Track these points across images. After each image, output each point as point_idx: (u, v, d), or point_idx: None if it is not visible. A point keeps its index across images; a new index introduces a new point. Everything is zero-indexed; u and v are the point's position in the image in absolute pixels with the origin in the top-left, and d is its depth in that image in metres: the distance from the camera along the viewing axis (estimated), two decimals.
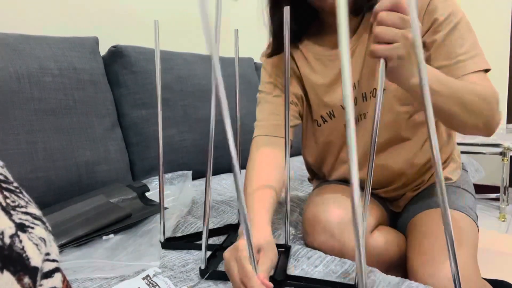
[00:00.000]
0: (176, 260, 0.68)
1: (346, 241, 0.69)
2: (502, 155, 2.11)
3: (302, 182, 1.27)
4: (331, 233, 0.70)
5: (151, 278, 0.58)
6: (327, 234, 0.70)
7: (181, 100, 1.30)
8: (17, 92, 0.91)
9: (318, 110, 0.83)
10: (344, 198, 0.77)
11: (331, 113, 0.81)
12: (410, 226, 0.78)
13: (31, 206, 0.31)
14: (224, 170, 1.45)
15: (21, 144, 0.90)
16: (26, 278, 0.25)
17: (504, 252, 1.65)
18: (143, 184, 0.99)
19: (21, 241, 0.26)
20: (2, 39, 0.95)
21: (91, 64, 1.11)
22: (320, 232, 0.71)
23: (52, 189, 0.94)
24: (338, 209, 0.72)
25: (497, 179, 2.37)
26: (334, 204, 0.74)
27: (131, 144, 1.22)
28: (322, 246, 0.71)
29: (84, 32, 1.28)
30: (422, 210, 0.78)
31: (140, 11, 1.51)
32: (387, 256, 0.73)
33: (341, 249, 0.69)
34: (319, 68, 0.80)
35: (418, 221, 0.76)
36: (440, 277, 0.62)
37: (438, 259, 0.65)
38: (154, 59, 1.29)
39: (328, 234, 0.70)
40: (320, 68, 0.80)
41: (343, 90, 0.32)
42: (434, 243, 0.68)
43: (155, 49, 0.70)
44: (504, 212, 2.07)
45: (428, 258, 0.66)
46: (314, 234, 0.72)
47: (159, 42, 0.69)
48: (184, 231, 0.83)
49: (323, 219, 0.72)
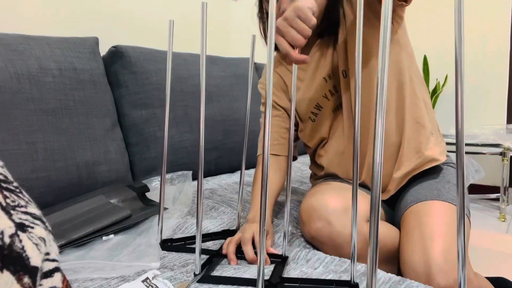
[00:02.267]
0: (177, 261, 0.67)
1: (342, 228, 0.71)
2: (502, 155, 2.11)
3: (302, 184, 1.27)
4: (327, 220, 0.72)
5: (151, 281, 0.58)
6: (323, 221, 0.72)
7: (181, 101, 1.30)
8: (17, 92, 0.91)
9: (308, 108, 0.91)
10: (340, 189, 0.80)
11: (318, 105, 0.90)
12: (402, 221, 0.80)
13: (31, 206, 0.31)
14: (224, 171, 1.45)
15: (21, 144, 0.90)
16: (26, 278, 0.25)
17: (504, 252, 1.65)
18: (143, 185, 0.99)
19: (21, 241, 0.26)
20: (2, 39, 0.95)
21: (91, 64, 1.11)
22: (316, 220, 0.73)
23: (52, 189, 0.94)
24: (334, 198, 0.74)
25: (497, 179, 2.37)
26: (330, 193, 0.76)
27: (131, 144, 1.22)
28: (319, 233, 0.72)
29: (84, 32, 1.28)
30: (412, 205, 0.79)
31: (140, 11, 1.51)
32: (383, 248, 0.74)
33: (337, 235, 0.71)
34: (301, 75, 0.91)
35: (408, 215, 0.78)
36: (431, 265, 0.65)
37: (428, 247, 0.67)
38: (154, 59, 1.30)
39: (324, 220, 0.72)
40: (301, 74, 0.91)
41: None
42: (423, 232, 0.70)
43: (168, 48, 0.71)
44: (504, 212, 2.07)
45: (418, 248, 0.68)
46: (310, 222, 0.74)
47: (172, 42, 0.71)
48: (184, 231, 0.83)
49: (318, 206, 0.74)
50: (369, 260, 0.31)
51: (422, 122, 0.85)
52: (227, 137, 1.41)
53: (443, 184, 0.83)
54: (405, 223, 0.77)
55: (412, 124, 0.84)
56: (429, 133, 0.86)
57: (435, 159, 0.85)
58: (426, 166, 0.85)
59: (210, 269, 0.63)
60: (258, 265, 0.48)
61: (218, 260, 0.68)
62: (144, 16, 1.52)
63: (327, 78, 0.88)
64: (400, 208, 0.84)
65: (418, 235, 0.70)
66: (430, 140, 0.86)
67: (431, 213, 0.73)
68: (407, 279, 0.59)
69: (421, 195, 0.80)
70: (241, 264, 0.66)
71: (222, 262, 0.67)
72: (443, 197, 0.78)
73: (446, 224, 0.71)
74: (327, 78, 0.88)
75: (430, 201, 0.77)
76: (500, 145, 2.10)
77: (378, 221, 0.34)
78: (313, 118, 0.92)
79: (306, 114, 0.93)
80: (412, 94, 0.84)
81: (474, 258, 1.48)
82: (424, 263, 0.66)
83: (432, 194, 0.79)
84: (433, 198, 0.78)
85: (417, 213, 0.76)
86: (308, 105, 0.91)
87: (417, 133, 0.85)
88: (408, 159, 0.85)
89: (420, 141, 0.84)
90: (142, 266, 0.64)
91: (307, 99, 0.91)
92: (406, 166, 0.85)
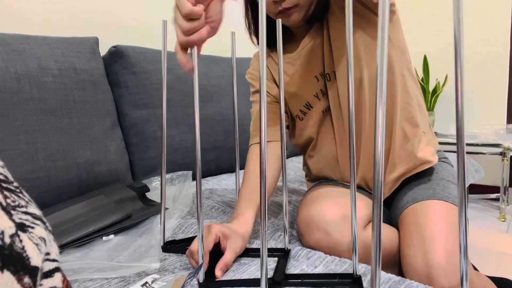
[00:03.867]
0: (178, 263, 0.67)
1: (341, 237, 0.70)
2: (502, 155, 2.11)
3: (302, 184, 1.27)
4: (325, 231, 0.71)
5: (150, 285, 0.58)
6: (321, 232, 0.71)
7: (181, 100, 1.30)
8: (17, 92, 0.91)
9: (297, 105, 0.89)
10: (336, 196, 0.79)
11: (308, 104, 0.88)
12: (400, 222, 0.79)
13: (31, 206, 0.31)
14: (224, 171, 1.45)
15: (21, 144, 0.90)
16: (26, 278, 0.25)
17: (504, 252, 1.65)
18: (143, 185, 0.99)
19: (21, 241, 0.26)
20: (2, 39, 0.95)
21: (91, 64, 1.10)
22: (314, 230, 0.72)
23: (52, 189, 0.94)
24: (331, 206, 0.73)
25: (497, 179, 2.37)
26: (327, 202, 0.75)
27: (131, 144, 1.22)
28: (318, 244, 0.72)
29: (84, 32, 1.28)
30: (408, 205, 0.79)
31: (140, 11, 1.51)
32: (384, 251, 0.74)
33: (336, 245, 0.70)
34: (289, 70, 0.88)
35: (405, 216, 0.78)
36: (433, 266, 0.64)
37: (429, 248, 0.66)
38: (154, 59, 1.30)
39: (322, 231, 0.71)
40: (290, 70, 0.88)
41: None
42: (423, 234, 0.69)
43: (162, 49, 0.70)
44: (504, 212, 2.07)
45: (419, 249, 0.68)
46: (309, 233, 0.73)
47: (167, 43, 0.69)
48: (185, 231, 0.83)
49: (316, 217, 0.72)
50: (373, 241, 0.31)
51: (414, 122, 0.83)
52: (227, 137, 1.41)
53: (437, 182, 0.83)
54: (404, 224, 0.76)
55: (404, 125, 0.82)
56: (421, 132, 0.84)
57: (428, 161, 0.84)
58: (418, 169, 0.84)
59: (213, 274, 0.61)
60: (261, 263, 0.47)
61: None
62: (144, 16, 1.52)
63: (319, 77, 0.85)
64: (398, 208, 0.83)
65: (419, 237, 0.69)
66: (422, 140, 0.84)
67: (429, 213, 0.73)
68: (407, 279, 0.59)
69: (417, 195, 0.80)
70: (239, 263, 0.66)
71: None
72: (439, 195, 0.78)
73: (445, 223, 0.70)
74: (319, 76, 0.85)
75: (427, 201, 0.77)
76: (500, 145, 2.10)
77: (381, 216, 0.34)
78: (301, 117, 0.90)
79: (294, 112, 0.91)
80: (404, 92, 0.82)
81: (474, 258, 1.48)
82: (426, 265, 0.65)
83: (428, 194, 0.79)
84: (429, 197, 0.77)
85: (415, 213, 0.75)
86: (298, 103, 0.89)
87: (409, 134, 0.83)
88: (400, 161, 0.84)
89: (412, 142, 0.83)
90: (142, 267, 0.64)
91: (296, 96, 0.88)
92: (399, 168, 0.84)
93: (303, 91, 0.87)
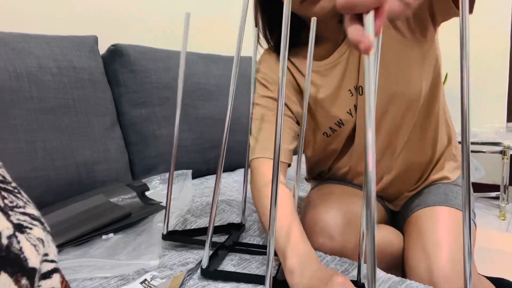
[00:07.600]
0: (176, 259, 0.67)
1: (345, 242, 0.69)
2: (502, 154, 2.11)
3: (302, 182, 1.27)
4: (330, 235, 0.70)
5: (149, 282, 0.58)
6: (326, 236, 0.70)
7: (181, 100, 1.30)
8: (16, 91, 0.91)
9: (326, 123, 0.79)
10: (342, 199, 0.77)
11: (340, 122, 0.78)
12: (406, 225, 0.79)
13: (29, 206, 0.30)
14: (224, 169, 1.44)
15: (20, 143, 0.90)
16: (24, 279, 0.25)
17: (504, 250, 1.65)
18: (143, 183, 0.99)
19: (19, 242, 0.26)
20: (1, 38, 0.94)
21: (91, 63, 1.10)
22: (318, 234, 0.71)
23: (52, 189, 0.94)
24: (336, 210, 0.72)
25: (497, 177, 2.37)
26: (332, 205, 0.73)
27: (130, 143, 1.22)
28: (321, 248, 0.71)
29: (84, 31, 1.28)
30: (418, 209, 0.78)
31: (139, 10, 1.51)
32: (387, 255, 0.73)
33: (340, 250, 0.69)
34: (318, 81, 0.76)
35: (413, 220, 0.77)
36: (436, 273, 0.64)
37: (433, 255, 0.66)
38: (153, 58, 1.29)
39: (327, 235, 0.70)
40: (319, 80, 0.76)
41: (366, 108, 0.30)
42: (429, 240, 0.69)
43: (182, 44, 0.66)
44: (504, 210, 2.07)
45: (423, 255, 0.67)
46: (312, 236, 0.72)
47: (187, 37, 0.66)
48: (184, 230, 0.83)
49: (321, 221, 0.71)
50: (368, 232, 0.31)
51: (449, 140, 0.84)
52: (228, 135, 1.41)
53: (451, 187, 0.82)
54: (410, 228, 0.76)
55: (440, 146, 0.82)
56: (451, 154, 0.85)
57: (447, 177, 0.84)
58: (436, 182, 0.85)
59: (216, 263, 0.62)
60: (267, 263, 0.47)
61: (224, 252, 0.67)
62: (144, 14, 1.51)
63: (352, 90, 0.74)
64: (406, 210, 0.83)
65: (425, 242, 0.68)
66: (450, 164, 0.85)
67: (438, 220, 0.72)
68: (407, 279, 0.59)
69: (429, 199, 0.79)
70: (240, 259, 0.66)
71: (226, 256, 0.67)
72: (451, 202, 0.76)
73: (453, 231, 0.69)
74: (353, 90, 0.74)
75: (437, 207, 0.75)
76: (500, 144, 2.10)
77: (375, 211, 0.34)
78: (329, 134, 0.80)
79: (320, 130, 0.81)
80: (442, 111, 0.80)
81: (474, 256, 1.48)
82: (430, 271, 0.64)
83: (440, 199, 0.77)
84: (440, 203, 0.76)
85: (424, 218, 0.74)
86: (328, 121, 0.78)
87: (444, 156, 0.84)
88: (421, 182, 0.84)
89: (443, 166, 0.84)
90: (142, 264, 0.64)
91: (327, 113, 0.77)
92: (420, 186, 0.85)
93: (336, 107, 0.77)
